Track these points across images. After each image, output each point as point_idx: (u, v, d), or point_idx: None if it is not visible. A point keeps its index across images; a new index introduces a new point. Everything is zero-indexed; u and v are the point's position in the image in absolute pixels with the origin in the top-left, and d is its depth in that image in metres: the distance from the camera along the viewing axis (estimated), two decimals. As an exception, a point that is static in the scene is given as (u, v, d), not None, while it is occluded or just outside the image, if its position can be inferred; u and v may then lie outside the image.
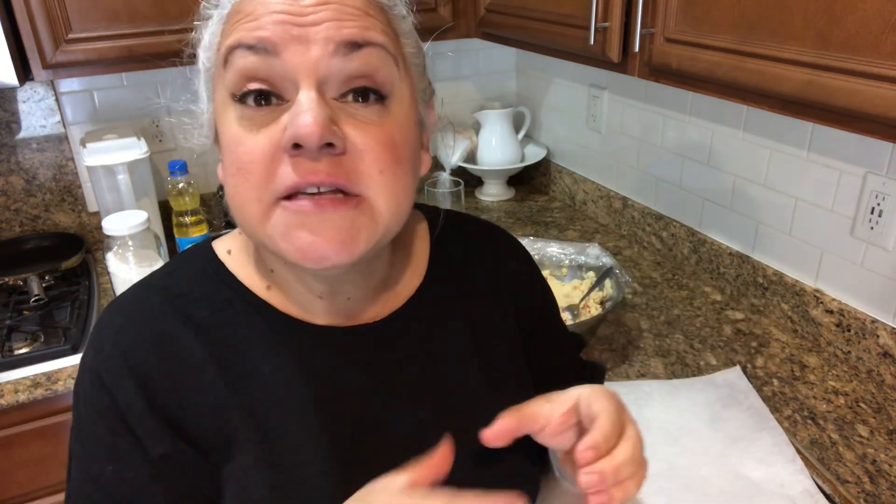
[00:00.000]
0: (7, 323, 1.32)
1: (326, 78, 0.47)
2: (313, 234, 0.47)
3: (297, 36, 0.46)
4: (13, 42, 1.21)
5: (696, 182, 1.45)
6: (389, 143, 0.48)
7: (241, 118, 0.48)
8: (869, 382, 1.11)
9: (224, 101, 0.50)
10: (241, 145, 0.47)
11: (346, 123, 0.47)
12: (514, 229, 1.75)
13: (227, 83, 0.48)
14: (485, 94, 2.06)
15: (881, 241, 1.08)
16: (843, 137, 1.10)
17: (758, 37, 0.83)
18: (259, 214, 0.48)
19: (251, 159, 0.47)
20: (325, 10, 0.46)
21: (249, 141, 0.47)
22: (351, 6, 0.48)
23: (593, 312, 1.23)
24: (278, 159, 0.46)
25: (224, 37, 0.50)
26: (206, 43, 0.52)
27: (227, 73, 0.48)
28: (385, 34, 0.49)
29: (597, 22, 1.08)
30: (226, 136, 0.49)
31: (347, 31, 0.47)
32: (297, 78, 0.46)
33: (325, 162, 0.46)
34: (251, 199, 0.48)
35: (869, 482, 0.91)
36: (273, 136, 0.46)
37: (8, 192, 1.61)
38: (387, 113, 0.49)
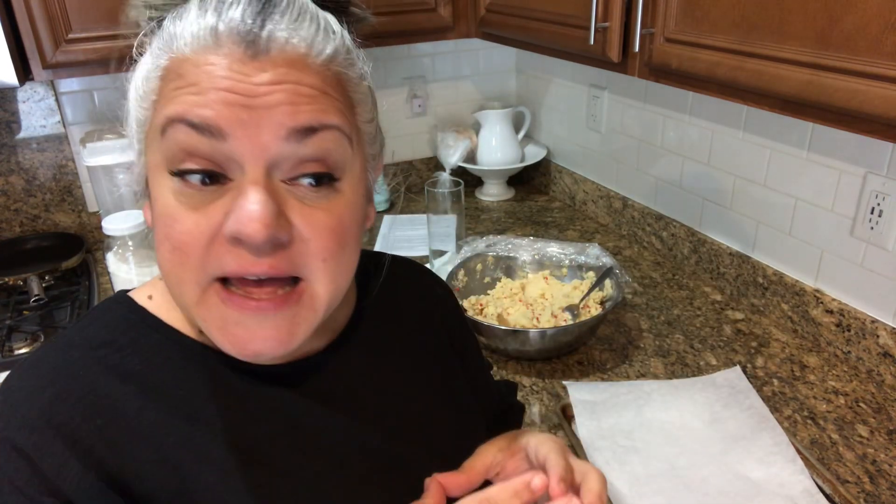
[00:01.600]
0: (7, 323, 1.32)
1: (277, 162, 0.44)
2: (250, 333, 0.46)
3: (245, 120, 0.43)
4: (13, 42, 1.21)
5: (696, 182, 1.45)
6: (336, 228, 0.47)
7: (178, 193, 0.45)
8: (869, 382, 1.11)
9: (159, 166, 0.46)
10: (177, 223, 0.44)
11: (293, 210, 0.45)
12: (514, 229, 1.75)
13: (164, 153, 0.45)
14: (485, 94, 2.06)
15: (881, 241, 1.08)
16: (843, 137, 1.10)
17: (758, 37, 0.83)
18: (196, 297, 0.46)
19: (188, 241, 0.44)
20: (279, 93, 0.43)
21: (187, 220, 0.44)
22: (307, 85, 0.44)
23: (593, 312, 1.23)
24: (217, 242, 0.44)
25: (161, 97, 0.46)
26: (139, 91, 0.48)
27: (164, 143, 0.45)
28: (341, 112, 0.47)
29: (597, 22, 1.08)
30: (159, 203, 0.46)
31: (303, 116, 0.44)
32: (244, 162, 0.43)
33: (266, 257, 0.44)
34: (187, 280, 0.46)
35: (869, 482, 0.91)
36: (213, 218, 0.44)
37: (8, 192, 1.61)
38: (336, 194, 0.47)
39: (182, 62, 0.45)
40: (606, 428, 0.99)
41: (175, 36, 0.45)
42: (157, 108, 0.46)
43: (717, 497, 0.87)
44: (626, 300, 1.38)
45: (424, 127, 2.03)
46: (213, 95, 0.43)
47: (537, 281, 1.34)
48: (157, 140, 0.46)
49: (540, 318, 1.23)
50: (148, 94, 0.47)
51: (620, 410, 1.03)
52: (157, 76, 0.46)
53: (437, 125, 2.03)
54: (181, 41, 0.45)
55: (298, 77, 0.44)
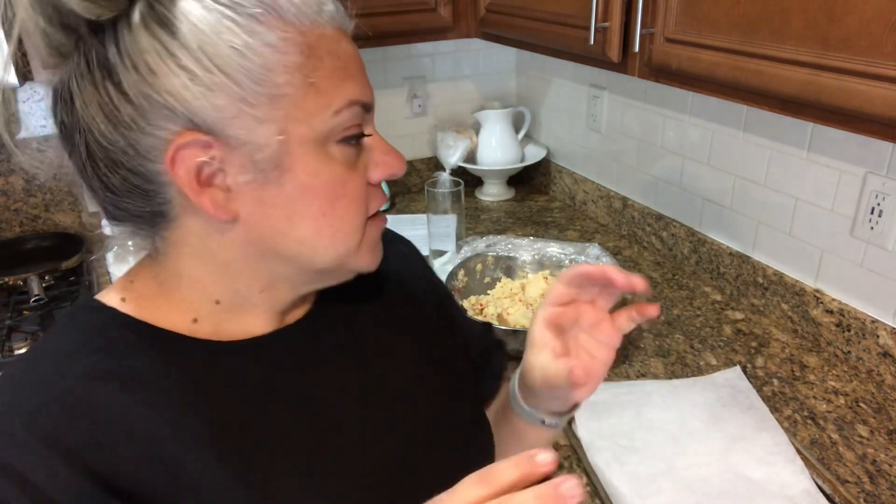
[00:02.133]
0: (7, 323, 1.32)
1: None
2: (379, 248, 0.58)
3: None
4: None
5: (696, 182, 1.45)
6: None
7: (341, 158, 0.51)
8: (869, 382, 1.11)
9: (313, 139, 0.49)
10: (348, 182, 0.52)
11: None
12: (514, 229, 1.75)
13: (334, 128, 0.50)
14: (485, 94, 2.06)
15: (881, 241, 1.08)
16: (843, 137, 1.10)
17: (758, 37, 0.83)
18: (358, 238, 0.54)
19: (360, 194, 0.53)
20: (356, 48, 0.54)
21: (354, 178, 0.52)
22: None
23: (593, 312, 1.23)
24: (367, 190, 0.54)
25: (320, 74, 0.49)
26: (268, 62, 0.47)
27: (337, 119, 0.50)
28: None
29: (597, 22, 1.08)
30: (322, 176, 0.50)
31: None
32: (367, 126, 0.54)
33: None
34: (353, 228, 0.53)
35: (869, 482, 0.91)
36: (362, 171, 0.54)
37: (8, 192, 1.61)
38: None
39: (322, 38, 0.50)
40: (606, 428, 0.99)
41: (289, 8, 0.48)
42: (315, 88, 0.49)
43: (717, 497, 0.87)
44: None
45: (424, 127, 2.03)
46: (362, 79, 0.52)
47: (537, 281, 1.34)
48: (320, 116, 0.49)
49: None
50: (291, 69, 0.47)
51: (620, 410, 1.03)
52: (298, 51, 0.48)
53: (437, 125, 2.03)
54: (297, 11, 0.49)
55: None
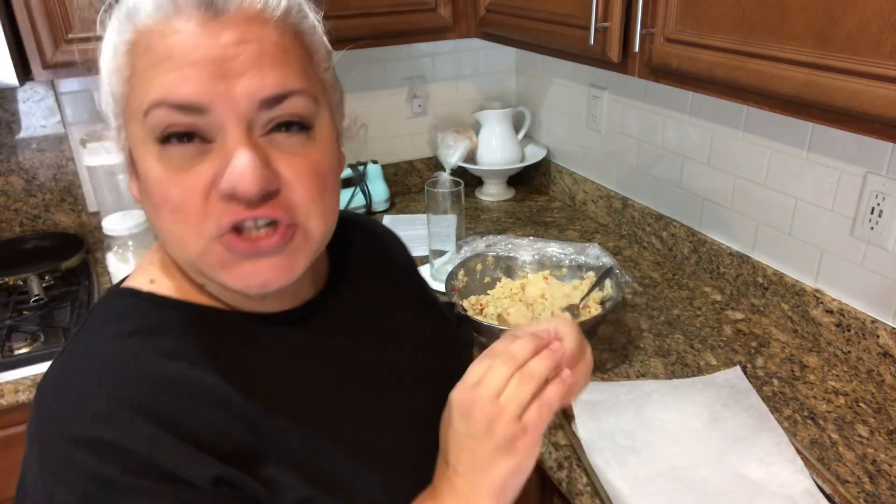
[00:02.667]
0: (7, 323, 1.32)
1: (252, 123, 0.48)
2: (255, 267, 0.49)
3: (222, 91, 0.46)
4: (13, 42, 1.21)
5: (696, 182, 1.45)
6: (317, 172, 0.51)
7: (166, 159, 0.47)
8: (869, 382, 1.11)
9: (142, 138, 0.48)
10: (171, 185, 0.47)
11: (275, 160, 0.48)
12: (514, 229, 1.76)
13: (147, 128, 0.47)
14: (485, 94, 2.06)
15: (881, 241, 1.08)
16: (843, 137, 1.10)
17: (758, 37, 0.83)
18: (200, 248, 0.49)
19: (185, 200, 0.47)
20: (246, 54, 0.46)
21: (180, 182, 0.47)
22: (270, 43, 0.47)
23: (593, 312, 1.23)
24: (212, 199, 0.47)
25: (137, 75, 0.47)
26: (111, 67, 0.50)
27: (147, 123, 0.47)
28: (303, 73, 0.50)
29: (597, 22, 1.08)
30: (149, 174, 0.48)
31: (269, 83, 0.47)
32: (225, 127, 0.47)
33: (261, 203, 0.48)
34: (190, 235, 0.48)
35: (869, 482, 0.91)
36: (203, 176, 0.47)
37: (8, 192, 1.61)
38: (311, 142, 0.51)
39: (148, 34, 0.47)
40: (606, 428, 0.99)
41: (135, 7, 0.47)
42: (132, 85, 0.48)
43: (717, 497, 0.87)
44: (626, 300, 1.38)
45: (424, 127, 2.03)
46: (190, 71, 0.45)
47: (537, 281, 1.34)
48: (139, 119, 0.48)
49: (540, 319, 1.23)
50: (120, 69, 0.49)
51: (620, 410, 1.03)
52: (124, 50, 0.48)
53: (437, 125, 2.03)
54: (142, 13, 0.47)
55: (260, 34, 0.47)
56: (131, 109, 0.49)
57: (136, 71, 0.48)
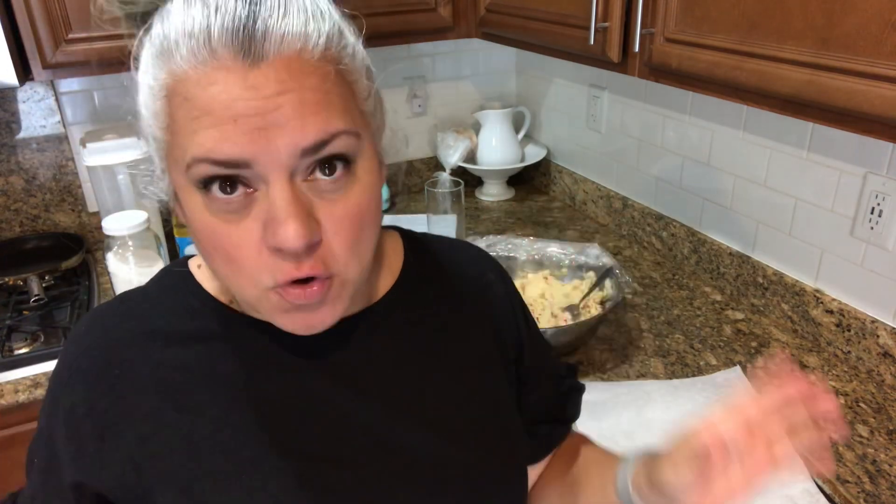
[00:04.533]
0: (7, 323, 1.32)
1: (295, 171, 0.47)
2: (303, 315, 0.50)
3: (265, 146, 0.45)
4: (13, 42, 1.21)
5: (696, 182, 1.45)
6: (358, 214, 0.50)
7: (212, 209, 0.47)
8: (869, 382, 1.11)
9: (185, 185, 0.48)
10: (222, 237, 0.48)
11: (317, 208, 0.48)
12: (514, 229, 1.75)
13: (190, 179, 0.47)
14: (485, 94, 2.06)
15: (881, 241, 1.08)
16: (843, 137, 1.10)
17: (758, 37, 0.83)
18: (256, 294, 0.50)
19: (238, 254, 0.48)
20: (287, 105, 0.45)
21: (231, 234, 0.47)
22: (310, 90, 0.46)
23: (593, 312, 1.23)
24: (264, 251, 0.48)
25: (177, 125, 0.47)
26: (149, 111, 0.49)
27: (190, 175, 0.47)
28: (345, 112, 0.48)
29: (597, 22, 1.08)
30: (197, 220, 0.49)
31: (311, 131, 0.45)
32: (267, 177, 0.46)
33: (306, 261, 0.48)
34: (245, 284, 0.49)
35: (869, 482, 0.91)
36: (252, 231, 0.47)
37: (8, 192, 1.61)
38: (354, 179, 0.49)
39: (184, 82, 0.45)
40: (606, 428, 0.99)
41: (167, 41, 0.46)
42: (173, 133, 0.47)
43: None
44: (626, 300, 1.38)
45: (424, 127, 2.03)
46: (231, 128, 0.44)
47: (537, 281, 1.34)
48: (181, 170, 0.47)
49: (540, 319, 1.23)
50: (159, 115, 0.48)
51: (621, 411, 1.03)
52: (162, 95, 0.47)
53: (437, 125, 2.03)
54: (177, 56, 0.45)
55: (300, 81, 0.45)
56: (173, 158, 0.48)
57: (175, 120, 0.47)
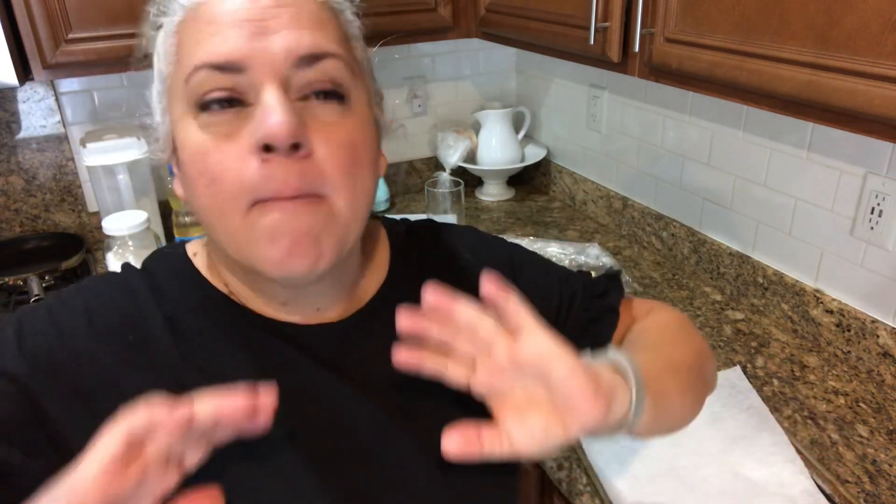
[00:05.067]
0: (7, 323, 1.32)
1: (288, 82, 0.48)
2: (292, 238, 0.48)
3: (259, 49, 0.47)
4: (13, 42, 1.21)
5: (696, 182, 1.45)
6: (350, 143, 0.50)
7: (206, 126, 0.48)
8: (869, 382, 1.11)
9: (183, 112, 0.50)
10: (209, 155, 0.48)
11: (309, 126, 0.48)
12: (514, 229, 1.75)
13: (189, 94, 0.49)
14: (485, 94, 2.06)
15: (881, 241, 1.08)
16: (843, 137, 1.10)
17: (758, 37, 0.83)
18: (239, 221, 0.49)
19: (224, 167, 0.47)
20: (284, 16, 0.48)
21: (219, 150, 0.47)
22: (307, 11, 0.49)
23: (593, 312, 1.23)
24: (248, 164, 0.47)
25: (183, 48, 0.50)
26: (160, 52, 0.52)
27: (188, 89, 0.48)
28: (339, 42, 0.51)
29: (597, 22, 1.08)
30: (189, 147, 0.49)
31: (306, 42, 0.48)
32: (261, 85, 0.47)
33: (293, 169, 0.47)
34: (228, 209, 0.48)
35: (869, 482, 0.91)
36: (241, 142, 0.47)
37: (8, 192, 1.61)
38: (347, 112, 0.51)
39: (195, 8, 0.49)
40: (606, 428, 0.99)
41: None
42: (178, 58, 0.50)
43: (717, 497, 0.87)
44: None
45: (424, 127, 2.03)
46: (229, 31, 0.47)
47: (537, 281, 1.34)
48: (181, 90, 0.49)
49: (540, 318, 1.22)
50: (168, 51, 0.51)
51: (620, 410, 1.03)
52: (173, 31, 0.50)
53: (437, 125, 2.03)
54: None
55: (298, 2, 0.49)
56: (175, 84, 0.50)
57: (182, 43, 0.49)
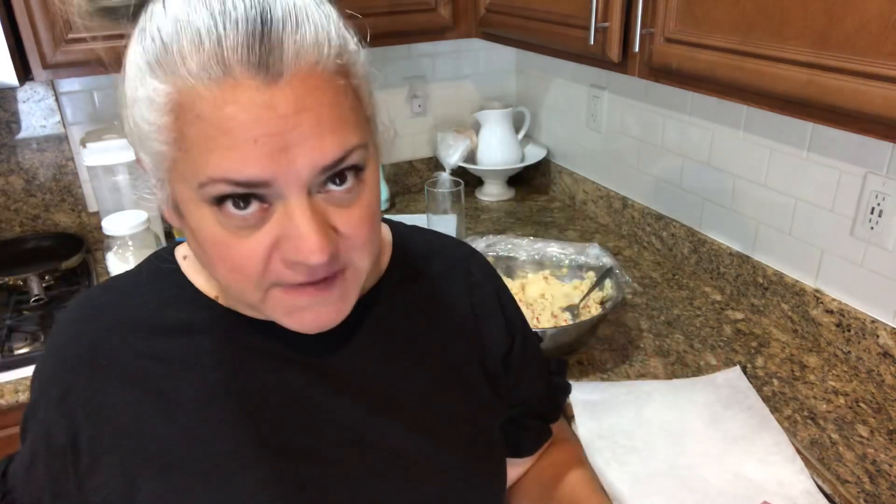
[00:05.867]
0: (7, 323, 1.32)
1: (311, 186, 0.46)
2: (314, 314, 0.51)
3: (285, 165, 0.44)
4: (13, 42, 1.21)
5: (696, 182, 1.45)
6: (370, 217, 0.50)
7: (223, 223, 0.46)
8: (869, 382, 1.11)
9: (193, 199, 0.46)
10: (231, 249, 0.47)
11: (333, 217, 0.48)
12: (514, 229, 1.75)
13: (202, 196, 0.45)
14: (485, 94, 2.06)
15: (881, 241, 1.08)
16: (843, 137, 1.10)
17: (758, 37, 0.83)
18: (258, 298, 0.50)
19: (247, 264, 0.47)
20: (305, 124, 0.44)
21: (241, 247, 0.46)
22: (327, 106, 0.45)
23: (593, 312, 1.23)
24: (273, 259, 0.47)
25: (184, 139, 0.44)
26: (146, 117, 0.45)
27: (202, 192, 0.45)
28: (359, 125, 0.48)
29: (597, 22, 1.08)
30: (204, 232, 0.47)
31: (329, 152, 0.45)
32: (286, 194, 0.45)
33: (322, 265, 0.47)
34: (248, 290, 0.49)
35: (869, 482, 0.91)
36: (264, 242, 0.46)
37: (8, 192, 1.61)
38: (362, 184, 0.49)
39: (195, 98, 0.43)
40: (606, 428, 0.99)
41: (169, 50, 0.43)
42: (183, 150, 0.45)
43: (717, 497, 0.87)
44: (626, 300, 1.38)
45: (424, 127, 2.03)
46: (251, 149, 0.43)
47: (537, 281, 1.34)
48: (192, 187, 0.46)
49: (540, 319, 1.23)
50: (164, 130, 0.45)
51: (620, 410, 1.03)
52: (168, 110, 0.44)
53: (437, 125, 2.03)
54: (182, 69, 0.43)
55: (317, 98, 0.44)
56: (179, 173, 0.46)
57: (185, 137, 0.44)
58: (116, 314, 0.57)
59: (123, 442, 0.54)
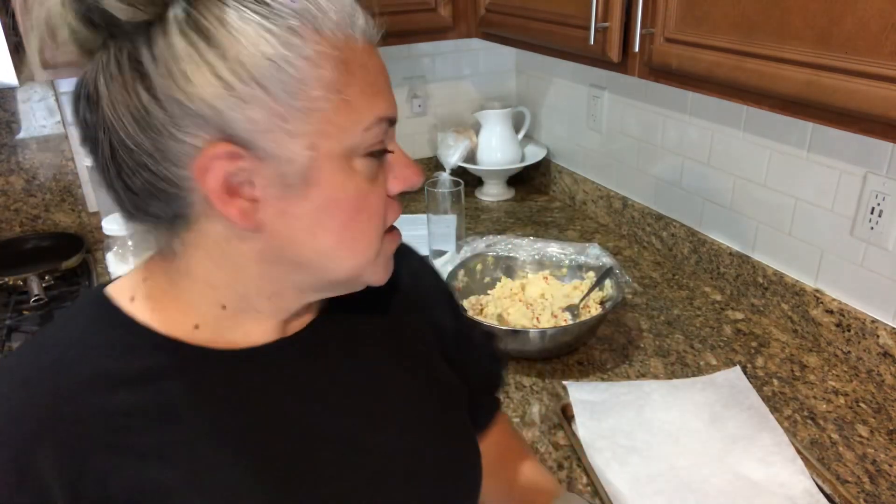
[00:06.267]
0: (7, 323, 1.32)
1: None
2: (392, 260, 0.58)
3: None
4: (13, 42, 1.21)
5: (696, 182, 1.45)
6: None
7: (366, 172, 0.51)
8: (869, 382, 1.11)
9: (341, 154, 0.49)
10: (370, 195, 0.52)
11: None
12: (514, 229, 1.76)
13: (362, 142, 0.50)
14: (485, 94, 2.06)
15: (881, 241, 1.08)
16: (843, 137, 1.10)
17: (758, 37, 0.83)
18: (375, 252, 0.54)
19: (378, 208, 0.53)
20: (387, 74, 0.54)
21: (377, 193, 0.53)
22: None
23: (593, 312, 1.23)
24: (392, 203, 0.55)
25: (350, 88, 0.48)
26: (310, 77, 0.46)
27: (366, 136, 0.50)
28: None
29: (597, 22, 1.08)
30: (349, 187, 0.50)
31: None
32: (391, 137, 0.54)
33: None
34: (372, 240, 0.53)
35: (869, 482, 0.91)
36: (383, 182, 0.53)
37: (8, 192, 1.61)
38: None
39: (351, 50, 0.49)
40: (606, 428, 0.99)
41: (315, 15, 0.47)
42: (345, 100, 0.48)
43: (717, 497, 0.87)
44: (626, 300, 1.38)
45: (424, 127, 2.03)
46: (389, 93, 0.52)
47: (537, 281, 1.34)
48: (351, 131, 0.49)
49: (540, 318, 1.23)
50: (327, 84, 0.47)
51: (620, 410, 1.03)
52: (332, 66, 0.47)
53: (437, 125, 2.03)
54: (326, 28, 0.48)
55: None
56: (334, 126, 0.48)
57: (352, 85, 0.48)
58: (72, 371, 0.50)
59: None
